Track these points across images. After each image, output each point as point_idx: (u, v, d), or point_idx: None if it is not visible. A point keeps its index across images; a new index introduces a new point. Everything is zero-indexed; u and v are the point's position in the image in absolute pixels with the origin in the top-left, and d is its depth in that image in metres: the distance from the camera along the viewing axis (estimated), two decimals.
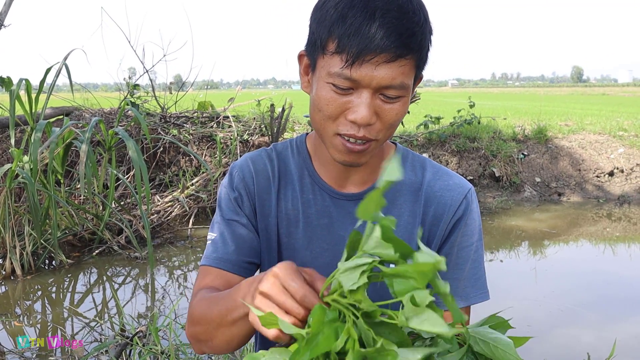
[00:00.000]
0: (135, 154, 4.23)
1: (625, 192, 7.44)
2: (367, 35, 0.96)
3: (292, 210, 1.20)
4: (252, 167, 1.22)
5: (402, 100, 1.03)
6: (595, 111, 14.29)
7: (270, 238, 1.20)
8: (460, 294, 1.18)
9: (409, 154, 1.23)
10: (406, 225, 1.17)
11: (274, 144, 1.27)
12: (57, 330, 3.55)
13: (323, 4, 1.02)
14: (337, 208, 1.18)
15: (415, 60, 1.00)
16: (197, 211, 5.92)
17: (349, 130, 1.03)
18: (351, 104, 1.01)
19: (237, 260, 1.17)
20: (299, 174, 1.22)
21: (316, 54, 1.04)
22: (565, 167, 7.69)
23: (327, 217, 1.18)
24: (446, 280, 1.17)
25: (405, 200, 1.18)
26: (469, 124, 7.93)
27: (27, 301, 4.07)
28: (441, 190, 1.18)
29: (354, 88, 1.00)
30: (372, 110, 1.01)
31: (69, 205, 4.84)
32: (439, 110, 10.15)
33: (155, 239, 5.33)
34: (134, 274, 4.65)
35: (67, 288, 4.39)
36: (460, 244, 1.18)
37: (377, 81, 0.98)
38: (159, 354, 2.60)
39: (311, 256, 1.18)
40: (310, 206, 1.19)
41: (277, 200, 1.20)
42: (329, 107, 1.02)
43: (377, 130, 1.04)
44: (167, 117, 7.14)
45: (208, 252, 1.19)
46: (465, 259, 1.18)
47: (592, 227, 6.25)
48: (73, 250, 4.94)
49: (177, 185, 6.28)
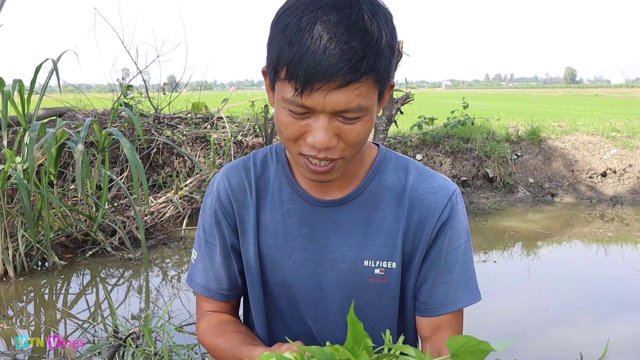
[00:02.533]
0: (129, 152, 4.22)
1: (618, 192, 7.47)
2: (312, 63, 0.91)
3: (272, 222, 1.18)
4: (227, 185, 1.20)
5: (363, 119, 0.99)
6: (588, 112, 14.35)
7: (250, 252, 1.19)
8: (452, 298, 1.17)
9: (391, 156, 1.21)
10: (390, 230, 1.15)
11: (254, 151, 1.26)
12: (51, 332, 3.54)
13: (276, 21, 0.98)
14: (318, 216, 1.17)
15: (373, 80, 0.96)
16: (191, 212, 5.91)
17: (309, 151, 1.01)
18: (309, 127, 0.99)
19: (218, 289, 1.24)
20: (278, 183, 1.19)
21: (272, 76, 1.01)
22: (558, 168, 7.72)
23: (308, 226, 1.17)
24: (436, 285, 1.16)
25: (388, 204, 1.16)
26: (463, 124, 7.95)
27: (19, 303, 4.05)
28: (425, 194, 1.16)
29: (310, 112, 0.97)
30: (330, 133, 0.98)
31: (62, 206, 4.82)
32: (432, 111, 10.17)
33: (149, 240, 5.31)
34: (127, 275, 4.63)
35: (60, 289, 4.38)
36: (448, 247, 1.16)
37: (331, 107, 0.95)
38: (153, 355, 2.59)
39: (293, 266, 1.17)
40: (291, 216, 1.17)
41: (256, 212, 1.19)
42: (288, 131, 1.01)
43: (340, 150, 1.02)
44: (161, 118, 7.13)
45: (192, 273, 1.27)
46: (454, 262, 1.17)
47: (585, 227, 6.27)
48: (66, 252, 4.92)
49: (170, 186, 6.27)
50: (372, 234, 1.15)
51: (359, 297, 1.16)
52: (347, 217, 1.16)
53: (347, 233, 1.15)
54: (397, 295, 1.17)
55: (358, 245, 1.15)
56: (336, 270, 1.16)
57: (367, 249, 1.15)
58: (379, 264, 1.15)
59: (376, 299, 1.17)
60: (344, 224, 1.16)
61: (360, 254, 1.15)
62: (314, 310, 1.19)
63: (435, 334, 1.18)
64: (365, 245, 1.15)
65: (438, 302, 1.17)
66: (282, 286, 1.19)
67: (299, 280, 1.18)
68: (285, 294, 1.20)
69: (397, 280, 1.16)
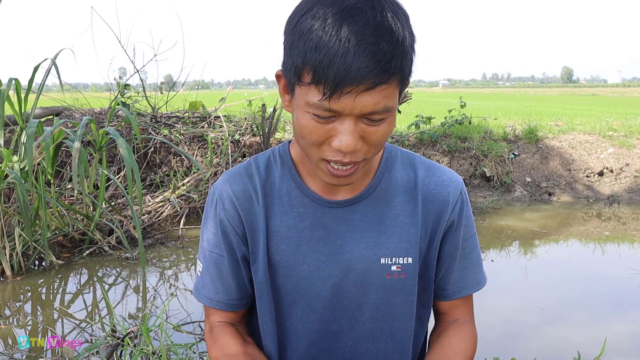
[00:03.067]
0: (125, 152, 4.21)
1: (615, 191, 7.49)
2: (342, 67, 0.90)
3: (283, 227, 1.16)
4: (231, 193, 1.17)
5: (387, 120, 0.99)
6: (585, 111, 14.37)
7: (261, 261, 1.17)
8: (472, 281, 1.24)
9: (397, 152, 1.22)
10: (404, 226, 1.16)
11: (254, 156, 1.23)
12: (49, 331, 3.53)
13: (296, 25, 0.96)
14: (330, 217, 1.15)
15: (398, 80, 0.96)
16: (189, 211, 5.90)
17: (334, 156, 1.00)
18: (335, 131, 0.98)
19: (227, 300, 1.22)
20: (286, 187, 1.17)
21: (293, 80, 0.99)
22: (555, 167, 7.73)
23: (321, 229, 1.15)
24: (457, 272, 1.22)
25: (400, 201, 1.17)
26: (460, 124, 7.96)
27: (17, 302, 4.04)
28: (437, 187, 1.18)
29: (336, 116, 0.96)
30: (356, 136, 0.98)
31: (60, 206, 4.81)
32: (430, 110, 10.17)
33: (146, 239, 5.31)
34: (124, 275, 4.63)
35: (57, 289, 4.37)
36: (464, 235, 1.21)
37: (359, 110, 0.94)
38: (150, 355, 2.59)
39: (308, 270, 1.15)
40: (303, 220, 1.15)
41: (266, 219, 1.16)
42: (312, 136, 0.99)
43: (364, 152, 1.01)
44: (158, 117, 7.12)
45: (199, 285, 1.24)
46: (472, 248, 1.23)
47: (582, 226, 6.28)
48: (63, 251, 4.91)
49: (168, 185, 6.26)
50: (386, 231, 1.15)
51: (377, 295, 1.16)
52: (360, 216, 1.15)
53: (361, 232, 1.15)
54: (414, 290, 1.18)
55: (373, 243, 1.15)
56: (353, 271, 1.15)
57: (382, 246, 1.15)
58: (396, 261, 1.15)
59: (394, 296, 1.17)
60: (357, 223, 1.15)
61: (377, 252, 1.15)
62: (331, 312, 1.17)
63: (452, 310, 1.26)
64: (381, 243, 1.15)
65: (459, 287, 1.23)
66: (296, 292, 1.17)
67: (314, 283, 1.16)
68: (300, 300, 1.18)
69: (414, 275, 1.17)
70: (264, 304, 1.19)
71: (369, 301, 1.16)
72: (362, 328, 1.19)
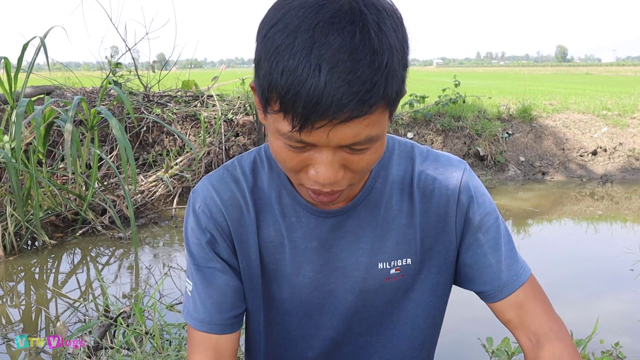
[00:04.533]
0: (118, 132, 4.18)
1: (608, 171, 7.51)
2: (312, 98, 0.76)
3: (276, 236, 1.07)
4: (217, 200, 1.06)
5: (373, 147, 0.87)
6: (579, 90, 14.35)
7: (253, 272, 1.09)
8: (508, 275, 1.09)
9: (394, 144, 1.11)
10: (401, 227, 1.07)
11: (237, 157, 1.11)
12: (42, 311, 3.53)
13: (264, 38, 0.82)
14: (325, 227, 1.07)
15: (384, 106, 0.82)
16: (182, 191, 5.89)
17: (312, 185, 0.90)
18: (311, 160, 0.87)
19: (219, 320, 1.09)
20: (276, 194, 1.07)
21: (262, 102, 0.85)
22: (549, 146, 7.73)
23: (315, 240, 1.07)
24: (489, 267, 1.10)
25: (397, 201, 1.07)
26: (454, 103, 7.93)
27: (10, 282, 4.03)
28: (435, 182, 1.07)
29: (312, 146, 0.85)
30: (335, 167, 0.87)
31: (52, 185, 4.79)
32: (424, 89, 10.12)
33: (139, 219, 5.29)
34: (118, 254, 4.62)
35: (50, 269, 4.36)
36: (484, 227, 1.09)
37: (336, 142, 0.82)
38: (143, 334, 2.59)
39: (304, 281, 1.09)
40: (295, 230, 1.07)
41: (257, 228, 1.07)
42: (287, 164, 0.89)
43: (348, 179, 0.90)
44: (150, 96, 7.06)
45: (189, 307, 1.11)
46: (497, 237, 1.10)
47: (575, 205, 6.31)
48: (56, 231, 4.89)
49: (160, 165, 6.24)
50: (383, 235, 1.07)
51: (375, 297, 1.10)
52: (356, 222, 1.07)
53: (357, 239, 1.07)
54: (414, 290, 1.11)
55: (370, 249, 1.07)
56: (350, 278, 1.08)
57: (380, 251, 1.07)
58: (394, 264, 1.08)
59: (393, 296, 1.11)
60: (353, 229, 1.07)
61: (374, 258, 1.07)
62: (328, 317, 1.12)
63: (520, 313, 1.09)
64: (378, 248, 1.07)
65: (500, 283, 1.09)
66: (290, 302, 1.11)
67: (310, 293, 1.10)
68: (296, 309, 1.12)
69: (413, 275, 1.10)
70: (256, 319, 1.15)
71: (368, 304, 1.11)
72: (359, 326, 1.13)
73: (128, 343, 2.58)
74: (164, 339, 2.65)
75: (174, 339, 2.68)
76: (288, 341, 1.16)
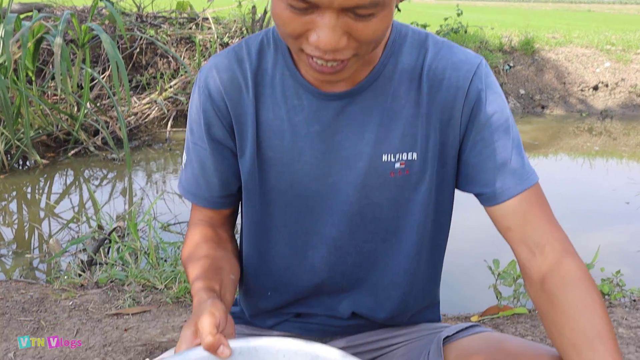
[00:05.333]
0: (110, 47, 4.04)
1: (609, 106, 7.42)
2: None
3: (275, 120, 1.02)
4: (217, 79, 1.03)
5: (378, 16, 0.83)
6: (581, 26, 14.08)
7: (248, 156, 1.05)
8: (512, 178, 1.01)
9: (407, 32, 1.04)
10: (408, 117, 1.01)
11: (245, 38, 1.07)
12: (35, 229, 3.49)
13: None
14: (327, 111, 1.01)
15: None
16: (176, 114, 5.77)
17: (313, 51, 0.86)
18: (313, 24, 0.83)
19: (210, 198, 1.11)
20: (280, 76, 1.02)
21: None
22: (550, 79, 7.61)
23: (317, 124, 1.01)
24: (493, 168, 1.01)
25: (405, 89, 1.01)
26: (456, 32, 7.75)
27: (2, 201, 3.98)
28: (446, 72, 1.00)
29: (314, 7, 0.81)
30: (338, 33, 0.83)
31: (42, 104, 4.67)
32: (423, 20, 9.85)
33: (133, 141, 5.19)
34: (111, 176, 4.56)
35: (42, 188, 4.30)
36: (491, 125, 1.01)
37: (340, 2, 0.79)
38: (138, 250, 2.56)
39: (304, 169, 1.03)
40: (297, 113, 1.01)
41: (256, 110, 1.03)
42: (287, 27, 0.85)
43: (352, 49, 0.86)
44: (144, 16, 6.83)
45: (182, 179, 1.14)
46: (505, 138, 1.02)
47: (573, 140, 6.27)
48: (48, 151, 4.80)
49: (154, 87, 6.09)
50: (389, 125, 1.01)
51: (379, 194, 1.04)
52: (360, 108, 1.01)
53: (362, 127, 1.01)
54: (420, 189, 1.05)
55: (375, 139, 1.01)
56: (353, 169, 1.03)
57: (385, 142, 1.01)
58: (399, 157, 1.02)
59: (398, 194, 1.05)
60: (357, 117, 1.01)
61: (378, 148, 1.01)
62: (330, 214, 1.06)
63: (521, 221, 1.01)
64: (383, 139, 1.01)
65: (502, 185, 1.01)
66: (290, 192, 1.06)
67: (310, 183, 1.04)
68: (295, 200, 1.06)
69: (418, 172, 1.03)
70: (253, 207, 1.09)
71: (372, 202, 1.05)
72: (364, 230, 1.07)
73: (122, 259, 2.55)
74: (159, 257, 2.62)
75: (169, 257, 2.66)
76: (288, 237, 1.11)
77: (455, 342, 1.08)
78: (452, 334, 1.09)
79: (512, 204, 1.01)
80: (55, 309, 2.19)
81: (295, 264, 1.12)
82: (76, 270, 2.53)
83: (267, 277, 1.14)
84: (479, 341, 1.06)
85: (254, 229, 1.12)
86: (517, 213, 1.01)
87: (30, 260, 3.01)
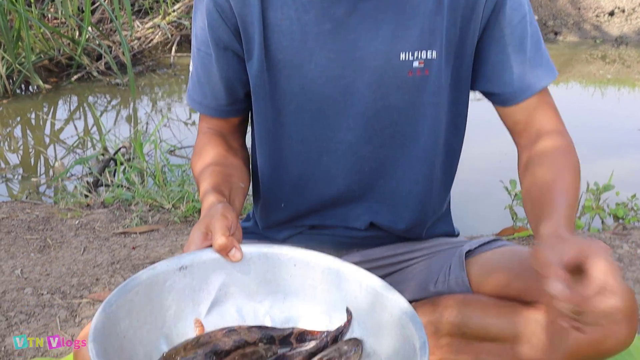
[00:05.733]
0: None
1: (624, 33, 7.21)
2: None
3: (284, 20, 0.97)
4: None
5: None
6: None
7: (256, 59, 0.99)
8: (529, 79, 1.00)
9: None
10: (427, 13, 0.95)
11: None
12: (40, 154, 3.46)
13: None
14: (339, 7, 0.95)
15: None
16: (180, 39, 5.64)
17: None
18: None
19: (216, 106, 1.08)
20: None
21: None
22: (564, 5, 7.38)
23: (329, 22, 0.95)
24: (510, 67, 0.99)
25: None
26: None
27: (6, 127, 3.93)
28: None
29: None
30: None
31: (43, 27, 4.55)
32: None
33: (137, 66, 5.08)
34: (115, 102, 4.50)
35: (46, 114, 4.25)
36: (510, 22, 0.98)
37: None
38: (144, 171, 2.53)
39: (316, 70, 0.98)
40: (307, 11, 0.96)
41: (262, 10, 0.97)
42: None
43: None
44: None
45: (189, 87, 1.10)
46: (523, 36, 0.99)
47: (585, 67, 6.12)
48: (50, 76, 4.71)
49: (157, 12, 5.93)
50: (406, 21, 0.95)
51: (396, 96, 0.99)
52: (375, 3, 0.95)
53: (376, 24, 0.95)
54: (438, 90, 1.00)
55: (391, 36, 0.96)
56: (368, 70, 0.97)
57: (402, 39, 0.96)
58: (418, 55, 0.96)
59: (416, 96, 1.00)
60: (372, 12, 0.95)
61: (395, 46, 0.96)
62: (345, 117, 1.01)
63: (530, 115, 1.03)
64: (400, 36, 0.96)
65: (521, 85, 1.00)
66: (302, 95, 1.01)
67: (323, 85, 0.99)
68: (307, 105, 1.02)
69: (439, 71, 0.99)
70: (262, 110, 1.05)
71: (388, 104, 1.00)
72: (380, 134, 1.03)
73: (129, 180, 2.53)
74: (166, 178, 2.60)
75: (175, 178, 2.63)
76: (301, 144, 1.06)
77: (477, 256, 1.06)
78: (474, 248, 1.07)
79: (527, 102, 1.02)
80: (61, 228, 2.18)
81: (310, 172, 1.08)
82: (82, 191, 2.51)
83: (280, 187, 1.11)
84: (501, 255, 1.05)
85: (265, 137, 1.08)
86: (528, 109, 1.03)
87: (36, 184, 2.99)
